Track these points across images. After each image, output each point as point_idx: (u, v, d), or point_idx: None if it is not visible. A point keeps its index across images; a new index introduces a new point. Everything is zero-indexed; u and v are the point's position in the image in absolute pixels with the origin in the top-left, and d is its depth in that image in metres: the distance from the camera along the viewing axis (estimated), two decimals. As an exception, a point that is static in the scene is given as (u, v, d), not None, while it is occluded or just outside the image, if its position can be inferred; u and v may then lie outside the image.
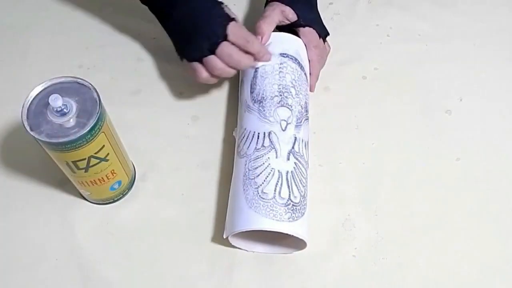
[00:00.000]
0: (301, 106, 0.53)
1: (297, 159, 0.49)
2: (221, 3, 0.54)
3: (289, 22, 0.57)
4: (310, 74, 0.57)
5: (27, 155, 0.55)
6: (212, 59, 0.52)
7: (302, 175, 0.49)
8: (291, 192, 0.47)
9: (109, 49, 0.64)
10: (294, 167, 0.48)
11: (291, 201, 0.46)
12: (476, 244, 0.53)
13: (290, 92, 0.52)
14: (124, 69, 0.63)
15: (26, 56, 0.63)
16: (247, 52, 0.52)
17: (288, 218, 0.46)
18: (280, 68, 0.54)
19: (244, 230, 0.46)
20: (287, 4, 0.57)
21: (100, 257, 0.51)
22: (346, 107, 0.61)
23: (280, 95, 0.52)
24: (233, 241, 0.49)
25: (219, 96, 0.61)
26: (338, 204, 0.54)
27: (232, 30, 0.52)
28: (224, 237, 0.48)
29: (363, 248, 0.52)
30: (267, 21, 0.56)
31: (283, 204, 0.46)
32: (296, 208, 0.46)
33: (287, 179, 0.47)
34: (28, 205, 0.53)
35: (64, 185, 0.54)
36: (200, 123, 0.59)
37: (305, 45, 0.57)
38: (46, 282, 0.49)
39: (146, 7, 0.58)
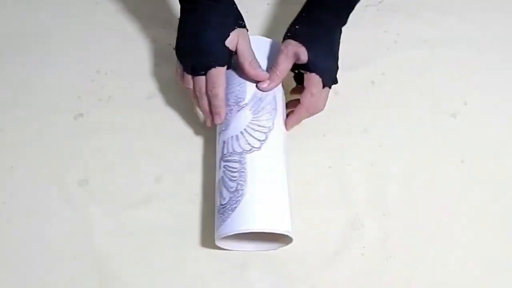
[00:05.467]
0: (231, 104, 0.53)
1: (226, 161, 0.50)
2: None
3: (299, 63, 0.53)
4: (292, 112, 0.55)
5: (42, 155, 0.56)
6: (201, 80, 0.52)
7: (232, 171, 0.50)
8: (221, 198, 0.49)
9: (125, 54, 0.65)
10: (223, 171, 0.50)
11: (221, 205, 0.49)
12: (481, 244, 0.53)
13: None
14: (140, 74, 0.63)
15: (46, 61, 0.64)
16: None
17: (220, 222, 0.48)
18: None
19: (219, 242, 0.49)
20: (303, 43, 0.52)
21: (116, 257, 0.51)
22: (355, 110, 0.62)
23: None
24: (227, 246, 0.51)
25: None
26: (347, 204, 0.55)
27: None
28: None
29: (371, 247, 0.53)
30: (279, 70, 0.53)
31: (218, 212, 0.49)
32: (225, 208, 0.48)
33: (218, 187, 0.50)
34: (46, 205, 0.54)
35: (83, 185, 0.55)
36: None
37: (304, 88, 0.53)
38: (62, 281, 0.50)
39: (162, 14, 0.58)
